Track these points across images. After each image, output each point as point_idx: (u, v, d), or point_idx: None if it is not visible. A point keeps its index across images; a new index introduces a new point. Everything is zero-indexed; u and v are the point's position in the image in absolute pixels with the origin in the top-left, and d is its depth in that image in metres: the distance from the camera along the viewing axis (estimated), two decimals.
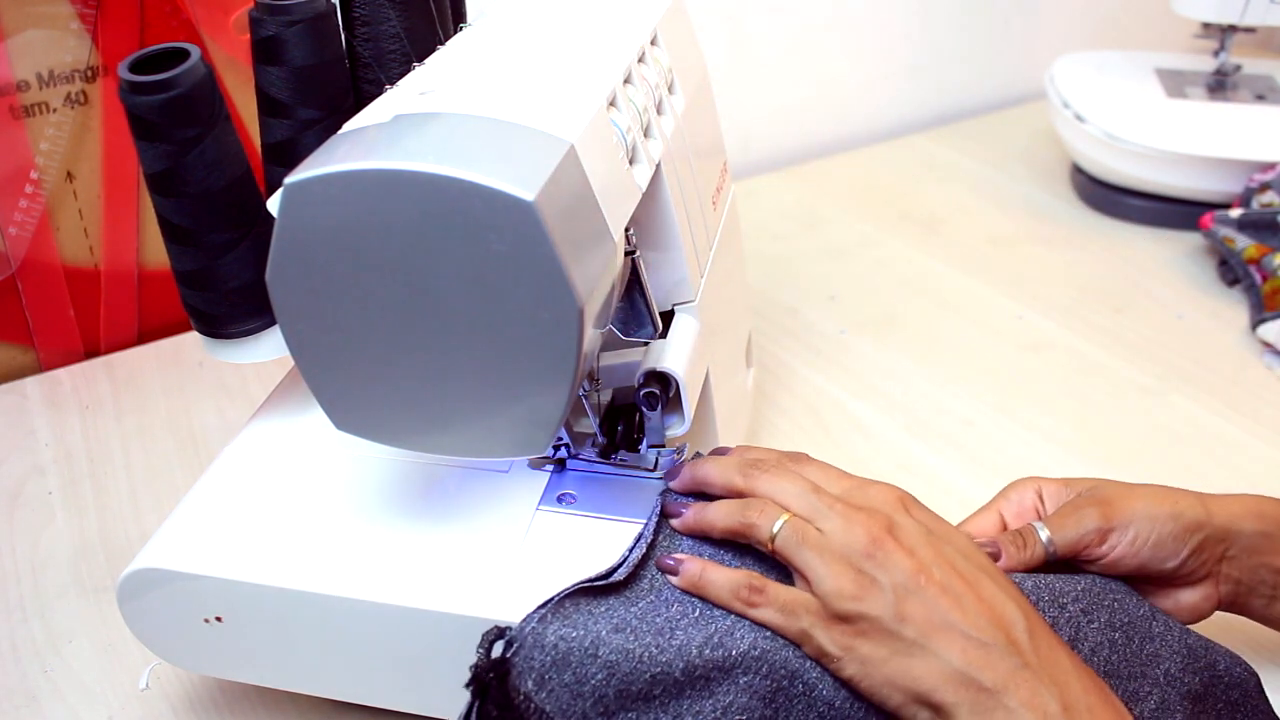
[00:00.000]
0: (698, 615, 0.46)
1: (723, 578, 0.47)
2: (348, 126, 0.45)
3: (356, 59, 0.57)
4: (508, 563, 0.50)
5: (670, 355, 0.54)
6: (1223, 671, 0.51)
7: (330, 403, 0.46)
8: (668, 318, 0.57)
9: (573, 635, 0.44)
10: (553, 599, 0.45)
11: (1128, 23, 1.37)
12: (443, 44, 0.54)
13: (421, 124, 0.42)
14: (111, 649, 0.60)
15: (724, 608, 0.47)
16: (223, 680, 0.57)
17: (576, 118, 0.45)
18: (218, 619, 0.50)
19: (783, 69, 1.16)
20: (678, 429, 0.54)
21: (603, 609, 0.46)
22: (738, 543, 0.49)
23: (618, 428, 0.55)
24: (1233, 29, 1.04)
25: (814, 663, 0.45)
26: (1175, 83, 1.08)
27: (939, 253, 1.00)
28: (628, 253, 0.50)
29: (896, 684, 0.43)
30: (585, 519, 0.52)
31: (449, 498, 0.53)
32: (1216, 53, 1.06)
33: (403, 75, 0.51)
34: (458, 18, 0.63)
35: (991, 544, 0.52)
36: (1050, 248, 1.01)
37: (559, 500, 0.53)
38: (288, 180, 0.40)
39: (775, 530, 0.46)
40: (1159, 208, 1.03)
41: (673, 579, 0.48)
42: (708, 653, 0.45)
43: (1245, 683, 0.52)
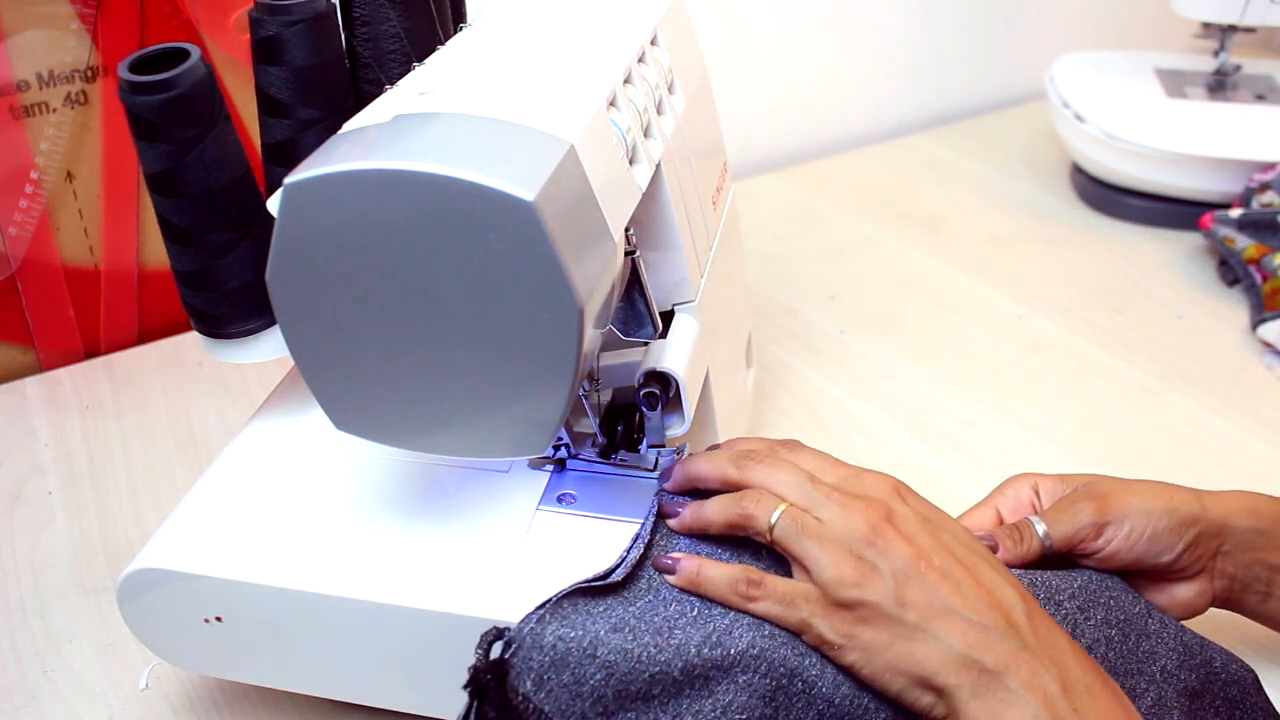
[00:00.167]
0: (696, 614, 0.46)
1: (720, 573, 0.47)
2: (348, 126, 0.45)
3: (356, 59, 0.57)
4: (508, 563, 0.50)
5: (670, 355, 0.54)
6: (1219, 668, 0.51)
7: (330, 403, 0.46)
8: (668, 318, 0.57)
9: (571, 635, 0.44)
10: (551, 599, 0.45)
11: (1128, 23, 1.37)
12: (443, 44, 0.54)
13: (421, 124, 0.42)
14: (111, 649, 0.60)
15: (723, 603, 0.47)
16: (223, 680, 0.57)
17: (576, 118, 0.45)
18: (218, 619, 0.50)
19: (783, 69, 1.16)
20: (678, 429, 0.54)
21: (601, 609, 0.46)
22: (734, 542, 0.49)
23: (618, 428, 0.55)
24: (1233, 29, 1.04)
25: (813, 660, 0.45)
26: (1175, 83, 1.08)
27: (939, 253, 1.00)
28: (628, 253, 0.50)
29: (899, 669, 0.44)
30: (585, 519, 0.52)
31: (449, 498, 0.53)
32: (1216, 53, 1.06)
33: (403, 75, 0.51)
34: (458, 18, 0.63)
35: (988, 538, 0.52)
36: (1050, 248, 1.01)
37: (559, 500, 0.53)
38: (288, 180, 0.40)
39: (773, 521, 0.47)
40: (1159, 208, 1.03)
41: (670, 578, 0.48)
42: (706, 651, 0.45)
43: (1243, 679, 0.52)
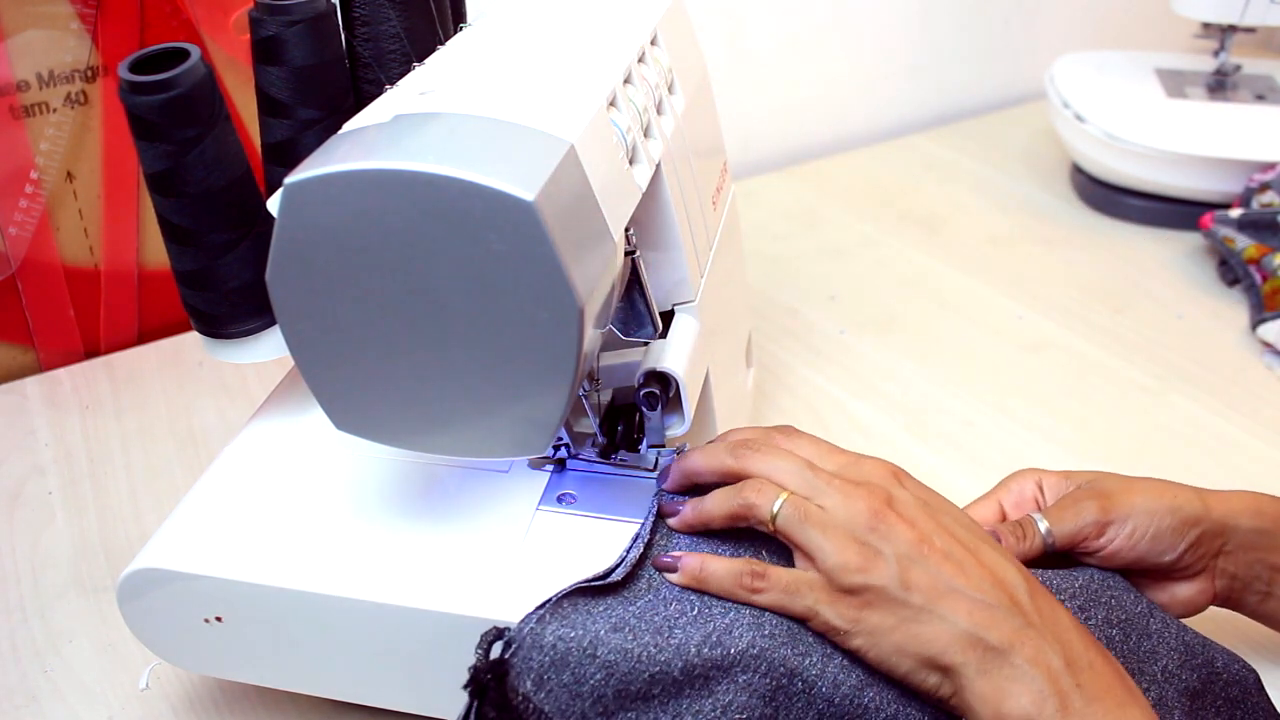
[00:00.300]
0: (696, 614, 0.46)
1: (723, 568, 0.47)
2: (348, 126, 0.45)
3: (356, 59, 0.57)
4: (508, 563, 0.50)
5: (670, 355, 0.54)
6: (1221, 668, 0.51)
7: (330, 403, 0.46)
8: (668, 318, 0.57)
9: (571, 635, 0.44)
10: (551, 599, 0.45)
11: (1128, 23, 1.37)
12: (443, 44, 0.54)
13: (421, 124, 0.42)
14: (111, 649, 0.60)
15: (727, 597, 0.47)
16: (223, 680, 0.57)
17: (576, 118, 0.45)
18: (217, 619, 0.50)
19: (783, 69, 1.16)
20: (678, 429, 0.54)
21: (601, 609, 0.46)
22: (733, 540, 0.49)
23: (618, 428, 0.55)
24: (1233, 29, 1.04)
25: (813, 660, 0.45)
26: (1175, 83, 1.08)
27: (939, 253, 1.00)
28: (628, 253, 0.50)
29: (905, 650, 0.44)
30: (585, 519, 0.52)
31: (449, 498, 0.53)
32: (1216, 53, 1.06)
33: (403, 75, 0.51)
34: (458, 18, 0.63)
35: (991, 532, 0.52)
36: (1050, 248, 1.01)
37: (559, 500, 0.53)
38: (288, 180, 0.40)
39: (775, 509, 0.47)
40: (1159, 208, 1.03)
41: (672, 576, 0.48)
42: (706, 651, 0.45)
43: (1244, 679, 0.52)
